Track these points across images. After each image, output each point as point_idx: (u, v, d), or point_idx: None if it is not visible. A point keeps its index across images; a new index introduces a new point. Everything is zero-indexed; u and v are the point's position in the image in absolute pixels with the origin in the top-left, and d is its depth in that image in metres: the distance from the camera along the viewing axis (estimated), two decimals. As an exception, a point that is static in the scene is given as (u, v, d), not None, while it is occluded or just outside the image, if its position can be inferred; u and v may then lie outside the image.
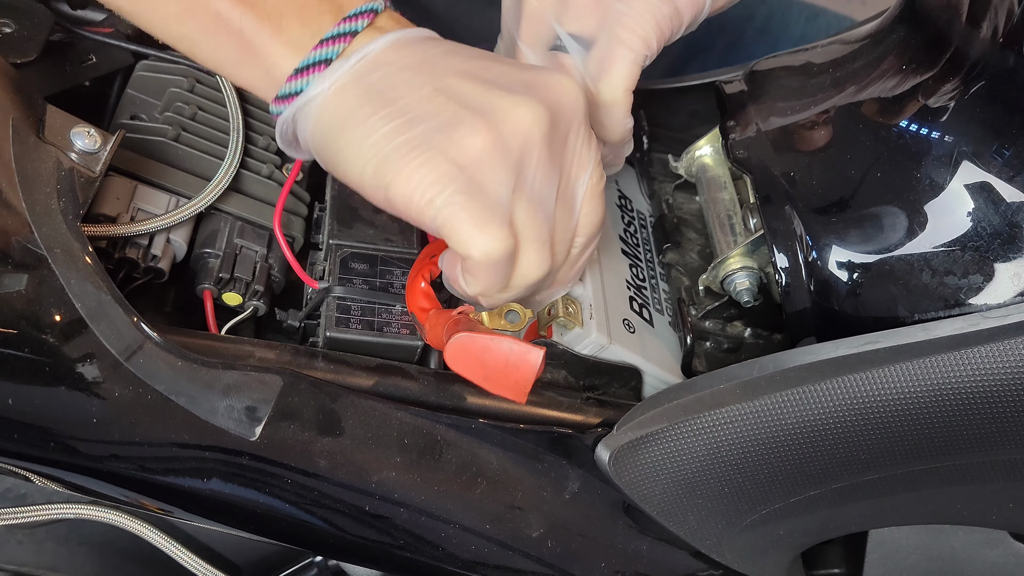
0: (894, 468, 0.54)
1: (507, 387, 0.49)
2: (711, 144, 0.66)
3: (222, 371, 0.49)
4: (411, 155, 0.46)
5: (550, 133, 0.48)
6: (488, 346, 0.48)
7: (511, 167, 0.47)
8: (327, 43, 0.48)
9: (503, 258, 0.47)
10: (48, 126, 0.50)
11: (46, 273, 0.46)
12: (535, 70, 0.51)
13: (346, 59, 0.48)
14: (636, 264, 0.64)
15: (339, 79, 0.47)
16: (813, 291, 0.54)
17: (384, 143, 0.46)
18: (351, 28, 0.48)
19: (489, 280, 0.49)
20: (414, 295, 0.55)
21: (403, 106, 0.47)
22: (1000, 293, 0.49)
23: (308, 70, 0.48)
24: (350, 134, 0.47)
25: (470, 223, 0.46)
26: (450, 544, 0.55)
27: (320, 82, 0.47)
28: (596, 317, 0.56)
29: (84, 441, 0.49)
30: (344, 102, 0.47)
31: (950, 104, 0.51)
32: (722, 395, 0.52)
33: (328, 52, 0.47)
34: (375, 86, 0.47)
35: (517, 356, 0.48)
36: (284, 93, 0.48)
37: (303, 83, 0.48)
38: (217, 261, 0.57)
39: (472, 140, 0.46)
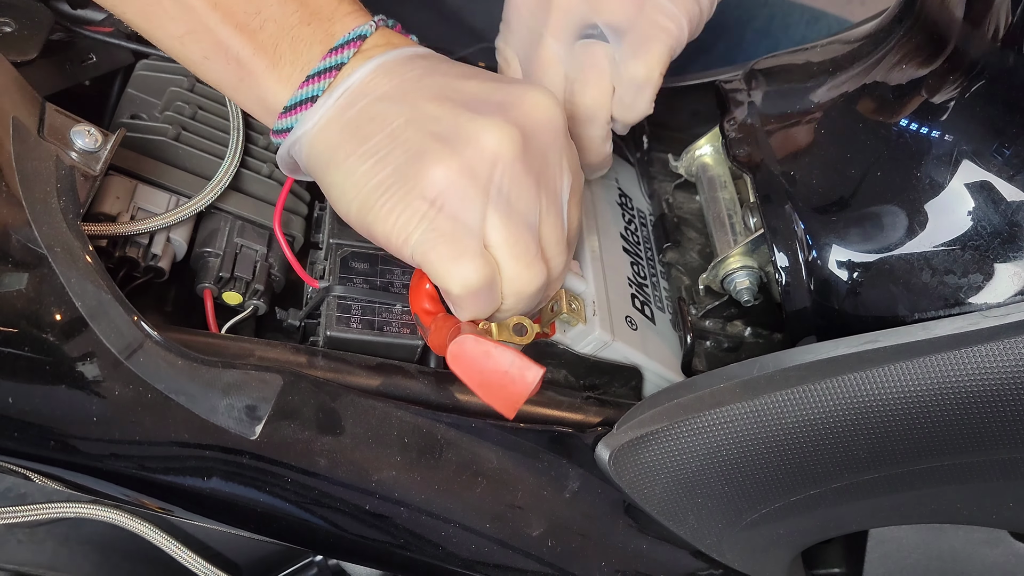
0: (894, 467, 0.54)
1: (500, 399, 0.49)
2: (711, 143, 0.66)
3: (222, 370, 0.49)
4: (384, 197, 0.48)
5: (523, 151, 0.49)
6: (490, 353, 0.48)
7: (480, 192, 0.48)
8: (313, 80, 0.49)
9: (482, 286, 0.48)
10: (48, 125, 0.50)
11: (46, 272, 0.46)
12: (511, 87, 0.51)
13: (330, 94, 0.49)
14: (637, 262, 0.64)
15: (322, 117, 0.49)
16: (813, 290, 0.54)
17: (361, 184, 0.48)
18: (337, 61, 0.49)
19: (475, 307, 0.50)
20: (418, 296, 0.55)
21: (375, 144, 0.48)
22: (1000, 292, 0.49)
23: (296, 108, 0.49)
24: (334, 174, 0.49)
25: (444, 259, 0.47)
26: (450, 543, 0.55)
27: (306, 121, 0.49)
28: (599, 314, 0.56)
29: (84, 440, 0.48)
30: (327, 139, 0.49)
31: (950, 103, 0.51)
32: (722, 394, 0.52)
33: (314, 89, 0.49)
34: (353, 122, 0.49)
35: (517, 370, 0.48)
36: (278, 128, 0.50)
37: (292, 120, 0.49)
38: (217, 260, 0.57)
39: (438, 172, 0.47)
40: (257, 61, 0.49)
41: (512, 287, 0.50)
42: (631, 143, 0.74)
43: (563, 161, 0.51)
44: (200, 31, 0.48)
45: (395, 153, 0.48)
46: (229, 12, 0.48)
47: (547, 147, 0.50)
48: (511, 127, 0.48)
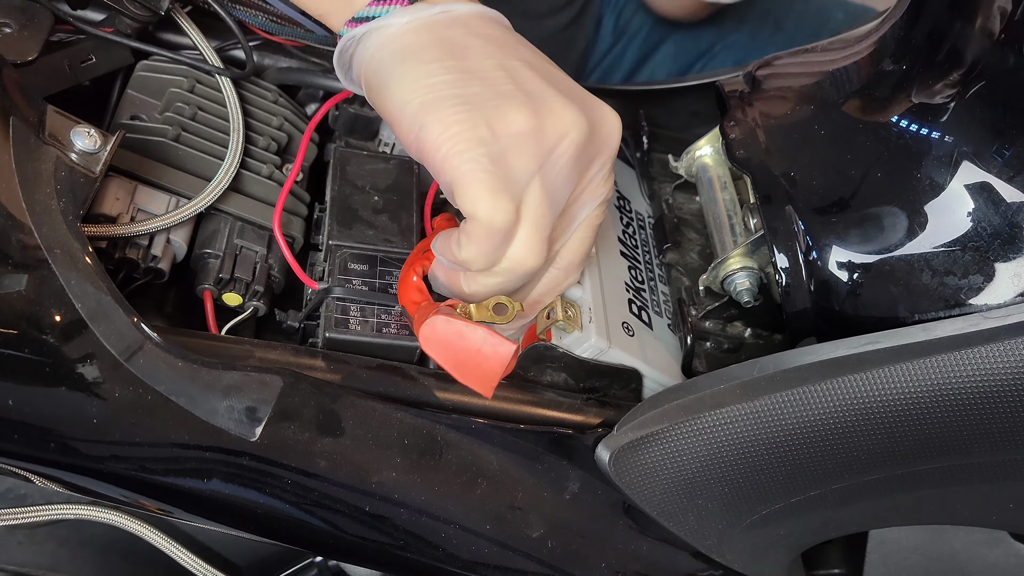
0: (894, 468, 0.54)
1: (476, 377, 0.50)
2: (711, 144, 0.66)
3: (222, 372, 0.49)
4: (457, 107, 0.48)
5: (584, 144, 0.51)
6: (462, 332, 0.49)
7: (540, 155, 0.49)
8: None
9: (502, 229, 0.49)
10: (48, 126, 0.50)
11: (46, 273, 0.46)
12: (586, 93, 0.53)
13: (429, 5, 0.50)
14: (635, 266, 0.64)
15: (418, 18, 0.50)
16: (813, 291, 0.54)
17: (437, 88, 0.49)
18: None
19: (482, 248, 0.50)
20: (407, 289, 0.55)
21: (466, 65, 0.49)
22: (1000, 293, 0.49)
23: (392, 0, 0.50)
24: (408, 68, 0.49)
25: (486, 185, 0.48)
26: (450, 544, 0.55)
27: (400, 14, 0.50)
28: (595, 321, 0.56)
29: (84, 442, 0.48)
30: (415, 39, 0.50)
31: (950, 104, 0.51)
32: (722, 395, 0.52)
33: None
34: (448, 38, 0.50)
35: (489, 347, 0.49)
36: (361, 15, 0.51)
37: (384, 9, 0.50)
38: (217, 261, 0.57)
39: (516, 117, 0.49)
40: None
41: (515, 254, 0.51)
42: (631, 144, 0.74)
43: (600, 179, 0.53)
44: None
45: (483, 82, 0.49)
46: None
47: (598, 156, 0.53)
48: (586, 119, 0.51)
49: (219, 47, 0.64)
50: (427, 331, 0.49)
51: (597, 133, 0.52)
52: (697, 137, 0.67)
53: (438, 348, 0.49)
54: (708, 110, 0.77)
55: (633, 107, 0.77)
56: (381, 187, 0.63)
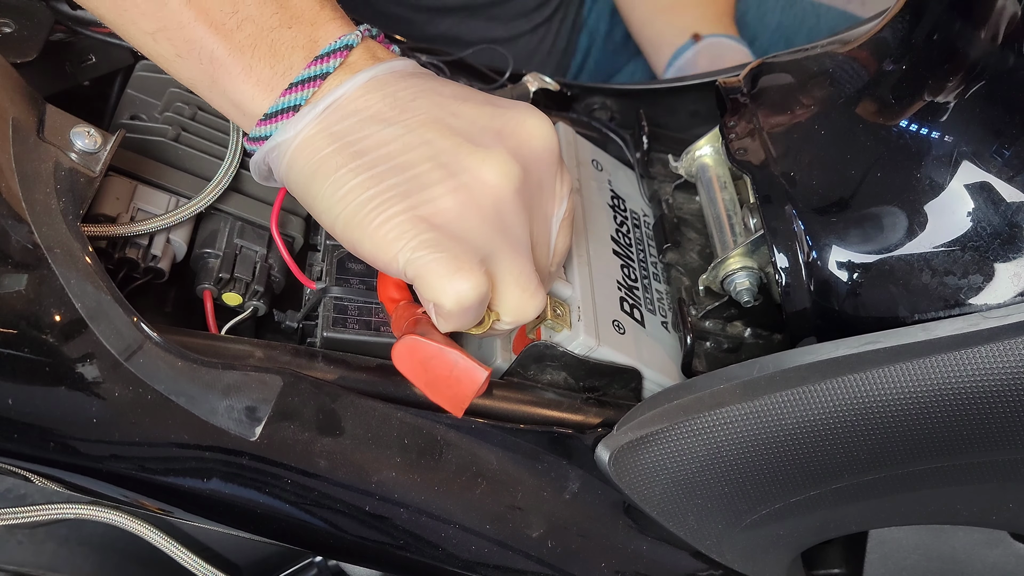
0: (894, 468, 0.54)
1: (447, 398, 0.49)
2: (711, 144, 0.66)
3: (222, 371, 0.49)
4: (377, 211, 0.46)
5: (522, 183, 0.48)
6: (435, 355, 0.48)
7: (483, 221, 0.47)
8: (297, 88, 0.47)
9: (477, 303, 0.47)
10: (48, 126, 0.50)
11: (46, 273, 0.46)
12: (506, 112, 0.50)
13: (315, 105, 0.47)
14: (628, 264, 0.64)
15: (306, 127, 0.47)
16: (813, 291, 0.54)
17: (351, 197, 0.46)
18: (321, 70, 0.47)
19: (463, 321, 0.48)
20: (385, 286, 0.54)
21: (371, 159, 0.46)
22: (1000, 293, 0.49)
23: (277, 116, 0.47)
24: (319, 185, 0.47)
25: (441, 274, 0.45)
26: (450, 544, 0.55)
27: (288, 129, 0.47)
28: (584, 319, 0.56)
29: (84, 441, 0.48)
30: (313, 151, 0.47)
31: (950, 104, 0.51)
32: (722, 395, 0.52)
33: (297, 98, 0.47)
34: (344, 136, 0.47)
35: (461, 371, 0.48)
36: (254, 136, 0.48)
37: (271, 128, 0.47)
38: (217, 261, 0.57)
39: (444, 201, 0.46)
40: (233, 63, 0.47)
41: (515, 315, 0.49)
42: (631, 143, 0.74)
43: (556, 187, 0.52)
44: (173, 28, 0.46)
45: (391, 171, 0.46)
46: (204, 9, 0.46)
47: (543, 175, 0.50)
48: (511, 162, 0.48)
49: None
50: (400, 349, 0.49)
51: (530, 159, 0.49)
52: (697, 137, 0.67)
53: (411, 366, 0.49)
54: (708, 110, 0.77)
55: (633, 107, 0.77)
56: (381, 187, 0.63)
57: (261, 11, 0.47)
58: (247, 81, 0.47)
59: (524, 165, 0.49)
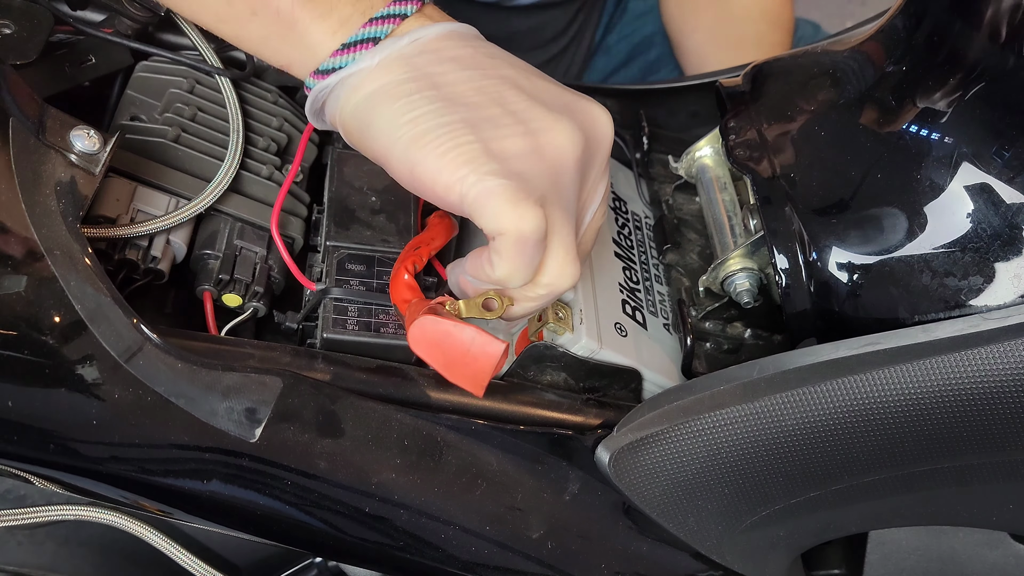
0: (894, 469, 0.54)
1: (466, 377, 0.49)
2: (711, 145, 0.66)
3: (222, 373, 0.49)
4: (448, 136, 0.46)
5: (582, 157, 0.50)
6: (450, 332, 0.48)
7: (547, 174, 0.48)
8: (377, 22, 0.49)
9: (535, 238, 0.47)
10: (48, 127, 0.50)
11: (46, 275, 0.46)
12: (573, 94, 0.52)
13: (396, 39, 0.49)
14: (630, 267, 0.64)
15: (388, 56, 0.48)
16: (813, 292, 0.54)
17: (423, 120, 0.47)
18: (401, 11, 0.49)
19: (515, 263, 0.48)
20: (398, 288, 0.54)
21: (448, 92, 0.48)
22: (1000, 295, 0.49)
23: (357, 46, 0.49)
24: (388, 106, 0.48)
25: (504, 197, 0.46)
26: (450, 545, 0.55)
27: (368, 58, 0.48)
28: (586, 322, 0.56)
29: (84, 443, 0.48)
30: (388, 77, 0.48)
31: (950, 105, 0.51)
32: (722, 396, 0.52)
33: (377, 31, 0.49)
34: (423, 68, 0.48)
35: (478, 347, 0.48)
36: (326, 67, 0.49)
37: (350, 58, 0.49)
38: (217, 262, 0.57)
39: (512, 142, 0.47)
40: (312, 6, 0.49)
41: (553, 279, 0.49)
42: (631, 144, 0.74)
43: (599, 182, 0.52)
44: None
45: (468, 108, 0.48)
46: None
47: (594, 162, 0.51)
48: (580, 131, 0.49)
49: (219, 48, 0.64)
50: (416, 332, 0.49)
51: (591, 138, 0.51)
52: (697, 138, 0.67)
53: (427, 348, 0.49)
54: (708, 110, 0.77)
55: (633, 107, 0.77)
56: (378, 188, 0.62)
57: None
58: (327, 20, 0.49)
59: (586, 143, 0.50)
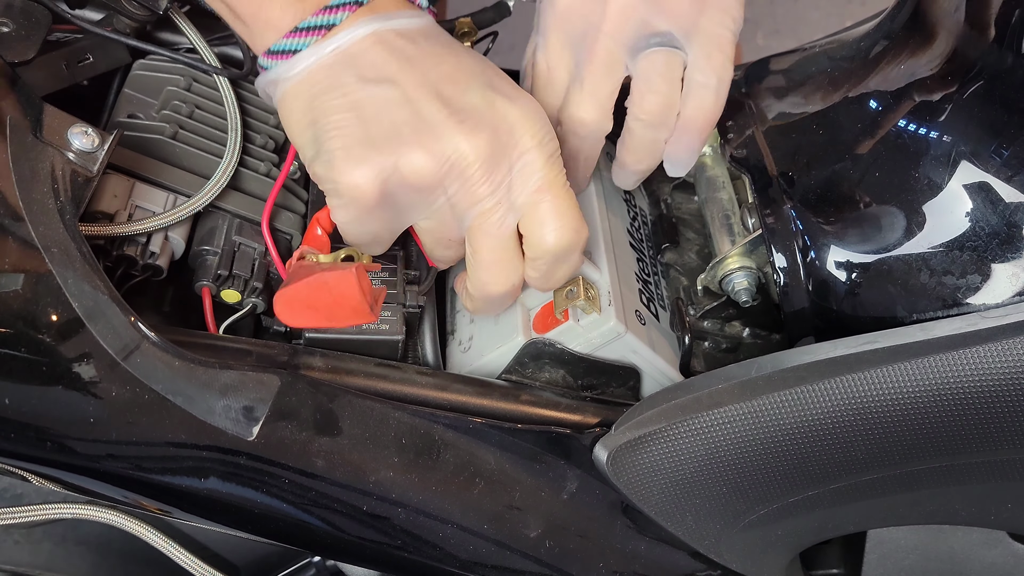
0: (892, 468, 0.54)
1: (349, 315, 0.50)
2: (709, 144, 0.66)
3: (219, 371, 0.49)
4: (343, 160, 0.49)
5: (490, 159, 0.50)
6: (308, 290, 0.49)
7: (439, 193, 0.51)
8: (301, 33, 0.50)
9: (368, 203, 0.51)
10: (46, 125, 0.50)
11: (43, 272, 0.46)
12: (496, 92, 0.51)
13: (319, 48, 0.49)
14: (642, 258, 0.64)
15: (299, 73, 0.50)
16: (811, 291, 0.54)
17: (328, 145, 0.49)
18: (328, 21, 0.50)
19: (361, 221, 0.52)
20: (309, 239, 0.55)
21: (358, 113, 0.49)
22: (998, 293, 0.49)
23: (278, 55, 0.50)
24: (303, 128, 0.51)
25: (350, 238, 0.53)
26: (448, 544, 0.55)
27: (284, 70, 0.50)
28: (615, 304, 0.56)
29: (81, 441, 0.48)
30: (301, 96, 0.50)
31: (948, 104, 0.51)
32: (720, 395, 0.52)
33: (298, 43, 0.50)
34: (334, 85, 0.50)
35: (335, 281, 0.49)
36: (261, 64, 0.52)
37: (272, 63, 0.51)
38: (215, 258, 0.57)
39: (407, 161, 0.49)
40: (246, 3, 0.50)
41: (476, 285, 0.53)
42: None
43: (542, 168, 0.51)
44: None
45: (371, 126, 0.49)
46: None
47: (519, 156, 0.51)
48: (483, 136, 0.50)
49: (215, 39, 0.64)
50: (280, 308, 0.50)
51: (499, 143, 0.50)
52: (696, 137, 0.67)
53: (300, 316, 0.50)
54: (707, 110, 0.77)
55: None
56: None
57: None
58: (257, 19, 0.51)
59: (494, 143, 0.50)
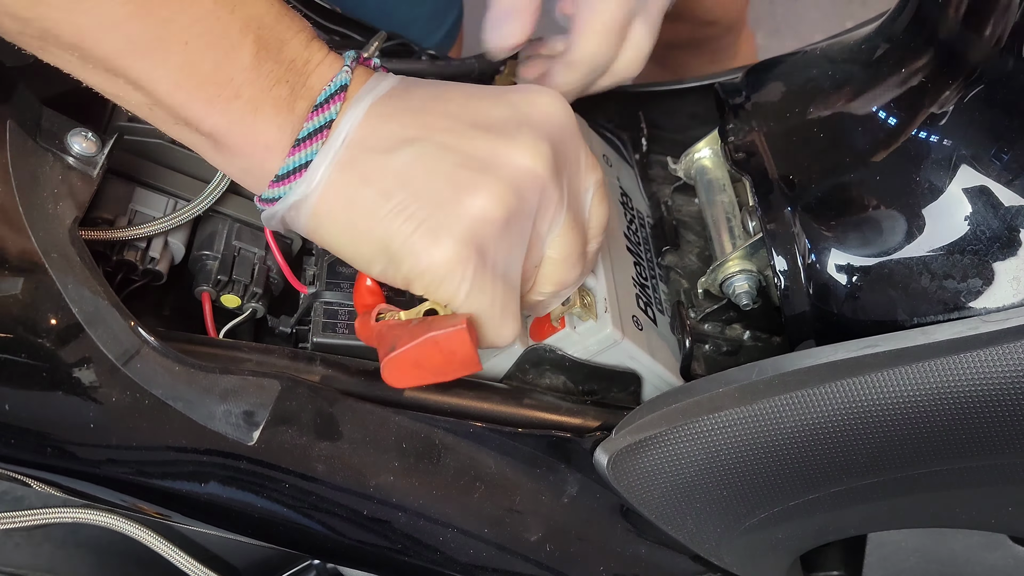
0: (893, 472, 0.54)
1: (457, 369, 0.49)
2: (710, 146, 0.66)
3: (220, 376, 0.49)
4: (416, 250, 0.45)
5: (554, 163, 0.48)
6: (417, 353, 0.47)
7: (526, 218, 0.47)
8: (304, 144, 0.45)
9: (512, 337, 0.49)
10: (45, 129, 0.50)
11: (43, 277, 0.46)
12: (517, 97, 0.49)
13: (325, 154, 0.45)
14: (639, 262, 0.64)
15: (320, 183, 0.45)
16: (812, 294, 0.53)
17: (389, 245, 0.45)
18: (326, 119, 0.45)
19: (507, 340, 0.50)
20: (360, 293, 0.54)
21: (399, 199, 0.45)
22: (1000, 297, 0.49)
23: (288, 177, 0.45)
24: (352, 241, 0.46)
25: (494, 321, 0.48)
26: (448, 548, 0.55)
27: (300, 188, 0.45)
28: (611, 311, 0.56)
29: (81, 446, 0.48)
30: (334, 206, 0.46)
31: (949, 107, 0.51)
32: (721, 399, 0.51)
33: (307, 155, 0.45)
34: (363, 178, 0.45)
35: (446, 343, 0.47)
36: (267, 197, 0.46)
37: (285, 190, 0.46)
38: (215, 263, 0.57)
39: (482, 203, 0.45)
40: (236, 133, 0.44)
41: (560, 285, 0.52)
42: (630, 145, 0.74)
43: (584, 160, 0.51)
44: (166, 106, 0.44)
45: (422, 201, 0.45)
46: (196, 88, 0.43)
47: (569, 151, 0.49)
48: (543, 143, 0.47)
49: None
50: (390, 377, 0.48)
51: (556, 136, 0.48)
52: (696, 139, 0.67)
53: (408, 377, 0.48)
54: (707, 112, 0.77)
55: (632, 108, 0.77)
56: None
57: (257, 73, 0.44)
58: (254, 146, 0.45)
59: (552, 143, 0.48)
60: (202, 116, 0.44)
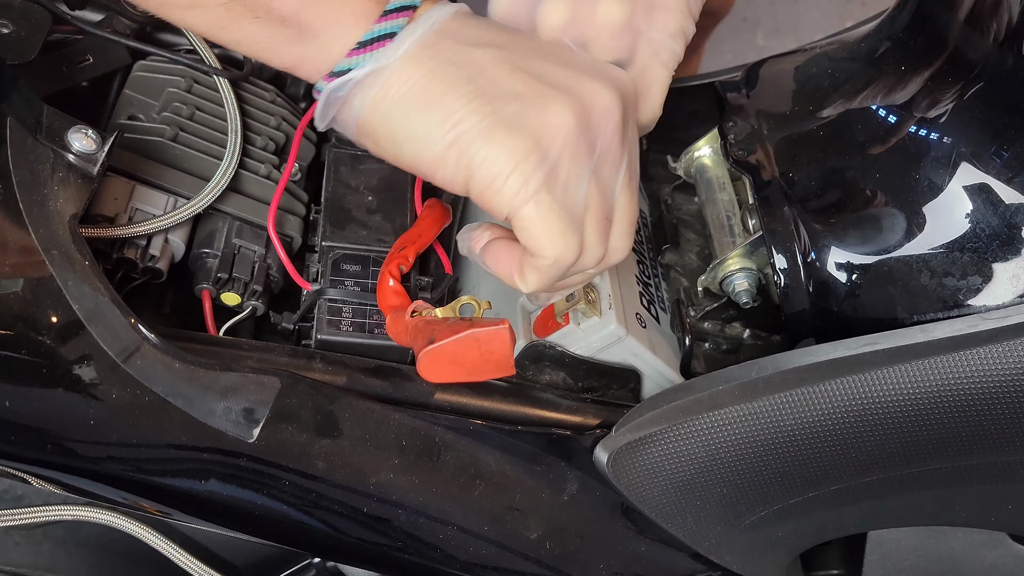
0: (893, 470, 0.54)
1: (492, 370, 0.49)
2: (710, 145, 0.66)
3: (220, 373, 0.49)
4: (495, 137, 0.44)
5: (624, 117, 0.48)
6: (457, 348, 0.48)
7: (591, 150, 0.47)
8: (391, 15, 0.45)
9: (569, 263, 0.47)
10: (46, 127, 0.50)
11: (43, 275, 0.46)
12: (596, 60, 0.50)
13: (413, 27, 0.45)
14: (642, 260, 0.64)
15: (410, 51, 0.45)
16: (812, 292, 0.53)
17: (465, 122, 0.44)
18: (411, 1, 0.46)
19: (549, 280, 0.48)
20: (384, 294, 0.54)
21: (482, 84, 0.45)
22: (999, 294, 0.49)
23: (373, 44, 0.45)
24: (425, 114, 0.45)
25: (551, 229, 0.46)
26: (448, 546, 0.55)
27: (386, 55, 0.45)
28: (615, 308, 0.56)
29: (81, 443, 0.48)
30: (413, 79, 0.45)
31: (949, 105, 0.51)
32: (721, 397, 0.52)
33: (393, 25, 0.45)
34: (448, 58, 0.45)
35: (487, 341, 0.48)
36: (341, 68, 0.45)
37: (367, 58, 0.45)
38: (215, 261, 0.57)
39: (562, 118, 0.45)
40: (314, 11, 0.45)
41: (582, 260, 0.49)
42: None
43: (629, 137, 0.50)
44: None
45: (506, 95, 0.45)
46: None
47: (627, 120, 0.49)
48: (618, 92, 0.48)
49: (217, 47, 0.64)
50: (426, 369, 0.49)
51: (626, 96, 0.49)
52: (696, 137, 0.67)
53: (443, 372, 0.49)
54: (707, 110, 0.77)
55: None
56: (375, 187, 0.62)
57: None
58: (339, 17, 0.45)
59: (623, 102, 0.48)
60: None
